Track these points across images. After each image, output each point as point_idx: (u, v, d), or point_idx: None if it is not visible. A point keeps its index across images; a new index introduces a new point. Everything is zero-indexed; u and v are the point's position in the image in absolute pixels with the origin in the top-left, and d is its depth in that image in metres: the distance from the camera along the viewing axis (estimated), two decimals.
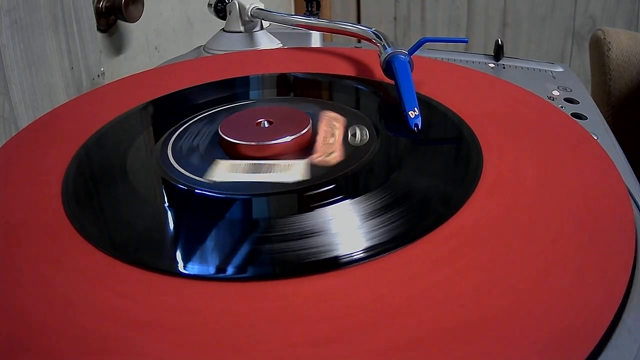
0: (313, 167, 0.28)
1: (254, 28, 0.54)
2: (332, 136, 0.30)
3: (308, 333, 0.18)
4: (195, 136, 0.32)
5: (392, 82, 0.35)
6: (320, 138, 0.30)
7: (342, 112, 0.33)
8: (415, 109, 0.31)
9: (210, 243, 0.23)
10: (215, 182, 0.27)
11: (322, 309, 0.19)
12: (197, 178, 0.27)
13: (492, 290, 0.20)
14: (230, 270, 0.21)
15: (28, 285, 0.21)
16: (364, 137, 0.29)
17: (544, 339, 0.18)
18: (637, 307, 0.20)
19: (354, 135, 0.30)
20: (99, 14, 0.59)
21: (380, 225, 0.23)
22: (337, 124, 0.32)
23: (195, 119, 0.34)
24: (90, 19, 0.56)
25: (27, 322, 0.19)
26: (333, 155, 0.28)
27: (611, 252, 0.21)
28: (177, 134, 0.32)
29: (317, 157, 0.28)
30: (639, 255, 0.22)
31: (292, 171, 0.27)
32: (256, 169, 0.28)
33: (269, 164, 0.28)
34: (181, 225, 0.25)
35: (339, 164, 0.28)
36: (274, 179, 0.27)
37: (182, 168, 0.28)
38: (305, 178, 0.27)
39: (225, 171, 0.28)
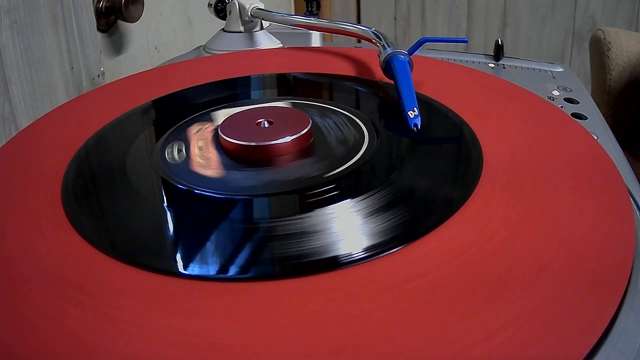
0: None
1: (254, 28, 0.54)
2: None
3: (308, 333, 0.18)
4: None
5: (392, 82, 0.35)
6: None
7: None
8: (415, 108, 0.31)
9: (209, 243, 0.23)
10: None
11: (322, 309, 0.19)
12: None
13: (493, 289, 0.20)
14: (230, 271, 0.21)
15: (27, 285, 0.21)
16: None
17: (543, 339, 0.18)
18: (636, 307, 0.20)
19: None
20: (99, 14, 0.59)
21: (381, 225, 0.23)
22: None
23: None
24: (90, 19, 0.56)
25: (25, 322, 0.19)
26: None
27: (611, 252, 0.21)
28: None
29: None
30: (639, 255, 0.22)
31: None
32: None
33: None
34: (181, 226, 0.25)
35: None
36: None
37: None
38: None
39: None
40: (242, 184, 0.27)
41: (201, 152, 0.30)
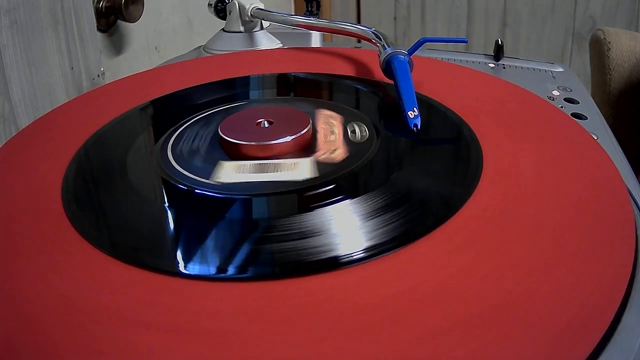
0: (319, 165, 0.28)
1: (254, 28, 0.54)
2: (332, 134, 0.30)
3: (308, 333, 0.18)
4: (196, 136, 0.32)
5: (392, 82, 0.35)
6: (320, 136, 0.30)
7: (336, 110, 0.33)
8: (415, 109, 0.31)
9: (210, 243, 0.23)
10: (223, 184, 0.27)
11: (322, 309, 0.19)
12: (204, 180, 0.27)
13: (493, 290, 0.20)
14: (230, 271, 0.21)
15: (27, 286, 0.21)
16: (364, 133, 0.29)
17: (544, 338, 0.18)
18: (638, 306, 0.20)
19: (353, 132, 0.30)
20: (99, 14, 0.59)
21: (380, 225, 0.23)
22: (334, 122, 0.32)
23: (196, 119, 0.34)
24: (90, 19, 0.56)
25: (25, 322, 0.19)
26: (337, 151, 0.28)
27: (611, 252, 0.21)
28: (177, 134, 0.32)
29: (322, 154, 0.28)
30: (639, 255, 0.22)
31: (300, 169, 0.27)
32: (262, 169, 0.28)
33: (275, 164, 0.28)
34: (181, 226, 0.25)
35: (344, 161, 0.28)
36: (283, 178, 0.27)
37: (183, 168, 0.28)
38: (313, 175, 0.27)
39: (231, 172, 0.28)
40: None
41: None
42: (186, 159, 0.29)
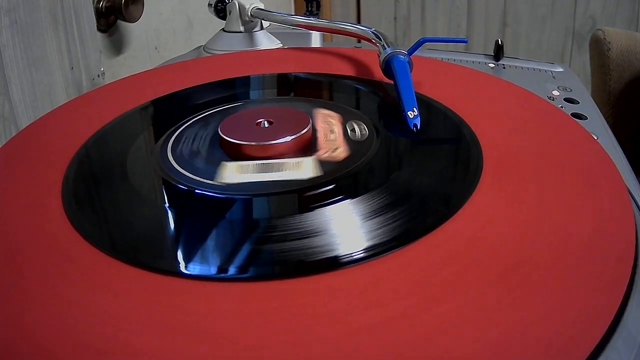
0: (322, 163, 0.28)
1: (254, 28, 0.54)
2: (331, 132, 0.30)
3: (308, 333, 0.18)
4: (196, 136, 0.32)
5: (392, 82, 0.35)
6: (320, 135, 0.30)
7: (335, 109, 0.33)
8: (414, 109, 0.31)
9: (210, 243, 0.23)
10: (229, 185, 0.27)
11: (322, 309, 0.19)
12: (209, 181, 0.27)
13: (493, 289, 0.20)
14: (230, 271, 0.21)
15: (27, 286, 0.21)
16: (363, 131, 0.29)
17: (544, 339, 0.18)
18: (638, 307, 0.20)
19: (352, 130, 0.30)
20: (99, 14, 0.59)
21: (380, 225, 0.23)
22: (333, 121, 0.32)
23: (196, 119, 0.34)
24: (90, 19, 0.56)
25: (25, 322, 0.19)
26: (339, 150, 0.28)
27: (611, 252, 0.21)
28: (177, 134, 0.32)
29: (324, 153, 0.28)
30: (639, 255, 0.22)
31: (303, 168, 0.27)
32: (266, 169, 0.28)
33: (279, 163, 0.28)
34: (181, 226, 0.25)
35: (346, 159, 0.28)
36: (287, 177, 0.27)
37: (183, 168, 0.28)
38: (318, 174, 0.27)
39: (235, 172, 0.28)
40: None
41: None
42: (186, 159, 0.29)
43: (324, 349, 0.18)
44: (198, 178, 0.27)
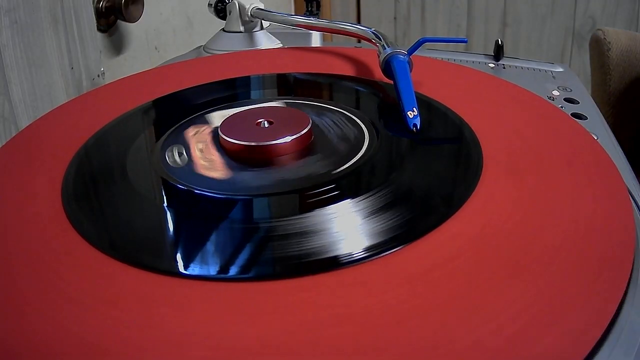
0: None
1: (254, 28, 0.54)
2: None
3: (308, 333, 0.18)
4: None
5: (392, 82, 0.35)
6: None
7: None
8: (414, 109, 0.31)
9: (210, 243, 0.23)
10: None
11: (322, 309, 0.19)
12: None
13: (493, 289, 0.20)
14: (230, 271, 0.21)
15: (27, 285, 0.21)
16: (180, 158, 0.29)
17: (544, 339, 0.18)
18: (637, 306, 0.20)
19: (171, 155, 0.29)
20: (99, 14, 0.59)
21: (381, 225, 0.23)
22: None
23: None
24: (90, 19, 0.56)
25: (25, 322, 0.19)
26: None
27: (611, 252, 0.21)
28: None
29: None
30: (639, 255, 0.22)
31: None
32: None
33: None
34: (181, 226, 0.25)
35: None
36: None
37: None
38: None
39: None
40: (242, 184, 0.27)
41: (202, 153, 0.30)
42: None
43: (324, 349, 0.18)
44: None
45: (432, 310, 0.19)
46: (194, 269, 0.22)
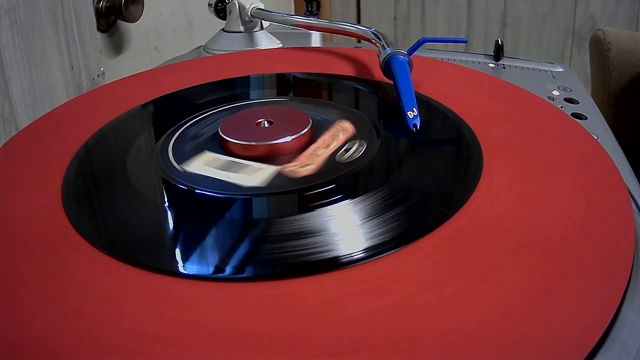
0: (278, 177, 0.27)
1: (254, 28, 0.54)
2: (325, 147, 0.30)
3: (307, 333, 0.18)
4: (195, 136, 0.32)
5: (392, 82, 0.35)
6: (313, 147, 0.30)
7: (356, 124, 0.32)
8: (414, 109, 0.31)
9: (209, 243, 0.23)
10: (185, 172, 0.27)
11: (322, 309, 0.19)
12: (175, 166, 0.28)
13: (493, 290, 0.20)
14: (229, 271, 0.21)
15: (27, 285, 0.21)
16: (356, 154, 0.29)
17: (544, 339, 0.18)
18: (637, 306, 0.20)
19: (347, 150, 0.29)
20: (99, 14, 0.59)
21: (380, 226, 0.23)
22: (341, 135, 0.31)
23: (196, 118, 0.34)
24: (90, 19, 0.56)
25: (25, 322, 0.19)
26: (308, 167, 0.28)
27: (611, 252, 0.21)
28: (177, 134, 0.32)
29: (291, 166, 0.28)
30: (639, 255, 0.22)
31: (256, 176, 0.27)
32: (228, 167, 0.28)
33: (241, 164, 0.28)
34: (181, 226, 0.25)
35: (305, 177, 0.27)
36: (234, 180, 0.27)
37: (181, 167, 0.28)
38: (261, 185, 0.26)
39: (202, 163, 0.28)
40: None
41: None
42: (185, 158, 0.29)
43: (325, 349, 0.18)
44: (198, 178, 0.27)
45: (432, 310, 0.19)
46: (194, 269, 0.22)
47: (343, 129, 0.31)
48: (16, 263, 0.22)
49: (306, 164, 0.28)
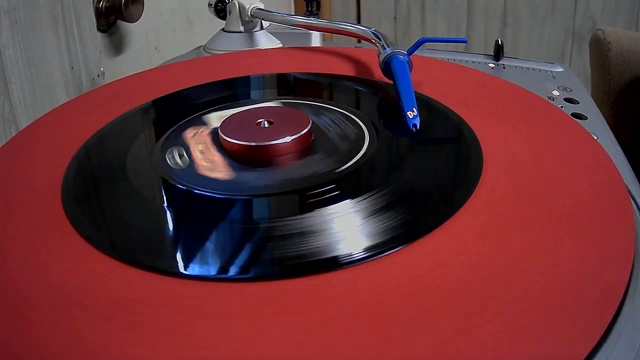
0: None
1: (254, 28, 0.54)
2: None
3: (308, 333, 0.18)
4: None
5: (392, 82, 0.35)
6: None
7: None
8: (414, 109, 0.31)
9: (210, 243, 0.23)
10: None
11: (322, 309, 0.19)
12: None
13: (493, 290, 0.20)
14: (230, 271, 0.21)
15: (27, 286, 0.21)
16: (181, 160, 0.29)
17: (544, 339, 0.18)
18: (637, 307, 0.20)
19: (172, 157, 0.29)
20: (99, 14, 0.59)
21: (381, 225, 0.23)
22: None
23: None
24: (90, 19, 0.56)
25: (25, 322, 0.19)
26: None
27: (611, 252, 0.21)
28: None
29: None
30: (638, 255, 0.22)
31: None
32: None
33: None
34: (181, 226, 0.25)
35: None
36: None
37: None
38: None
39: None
40: (242, 184, 0.27)
41: (202, 154, 0.30)
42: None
43: (324, 349, 0.18)
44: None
45: (432, 310, 0.19)
46: (194, 269, 0.22)
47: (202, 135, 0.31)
48: (16, 263, 0.22)
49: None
